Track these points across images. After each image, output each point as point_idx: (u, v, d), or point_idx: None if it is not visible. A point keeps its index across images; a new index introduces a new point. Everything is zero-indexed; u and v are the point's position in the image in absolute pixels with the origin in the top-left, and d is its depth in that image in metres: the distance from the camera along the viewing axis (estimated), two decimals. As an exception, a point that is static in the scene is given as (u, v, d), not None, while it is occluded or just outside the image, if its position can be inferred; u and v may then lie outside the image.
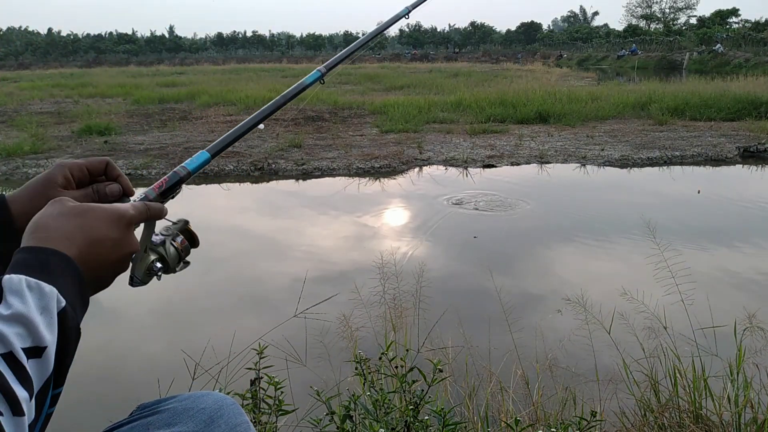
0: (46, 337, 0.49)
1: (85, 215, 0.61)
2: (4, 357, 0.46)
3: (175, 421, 0.75)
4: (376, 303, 3.09)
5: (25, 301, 0.49)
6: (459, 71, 25.76)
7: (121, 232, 0.64)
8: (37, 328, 0.49)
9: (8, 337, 0.47)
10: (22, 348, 0.47)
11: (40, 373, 0.49)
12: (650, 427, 1.81)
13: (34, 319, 0.49)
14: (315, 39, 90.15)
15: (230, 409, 0.78)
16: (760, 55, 27.17)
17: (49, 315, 0.51)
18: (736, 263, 4.06)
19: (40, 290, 0.51)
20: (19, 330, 0.48)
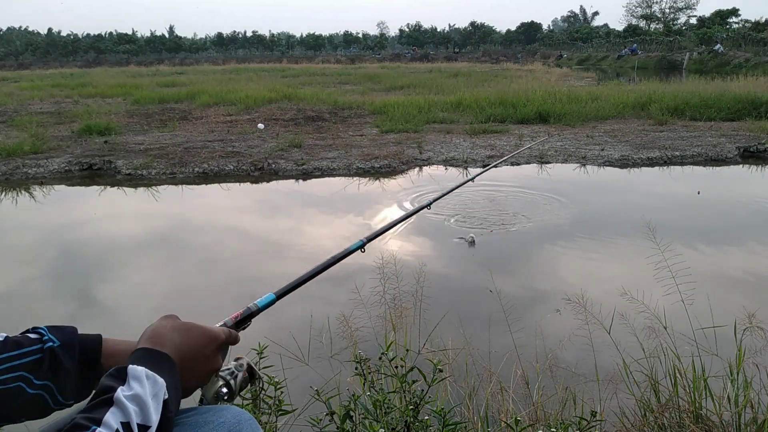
0: (153, 418, 0.61)
1: (190, 332, 0.76)
2: (123, 425, 0.58)
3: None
4: (376, 303, 3.09)
5: (144, 386, 0.61)
6: (459, 71, 25.75)
7: (213, 351, 0.78)
8: (149, 410, 0.60)
9: (129, 411, 0.59)
10: (137, 423, 0.59)
11: None
12: (650, 427, 1.81)
13: (147, 401, 0.60)
14: (315, 39, 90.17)
15: (248, 424, 0.83)
16: (760, 55, 27.17)
17: (157, 401, 0.62)
18: (736, 263, 4.06)
19: (155, 380, 0.63)
20: (136, 408, 0.59)
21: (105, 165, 7.59)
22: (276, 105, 13.16)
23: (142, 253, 4.57)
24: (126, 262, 4.34)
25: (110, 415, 0.57)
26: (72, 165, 7.56)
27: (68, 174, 7.34)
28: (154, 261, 4.46)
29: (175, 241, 4.91)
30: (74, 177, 7.29)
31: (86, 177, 7.32)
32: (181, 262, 4.43)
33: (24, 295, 3.84)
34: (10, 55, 76.34)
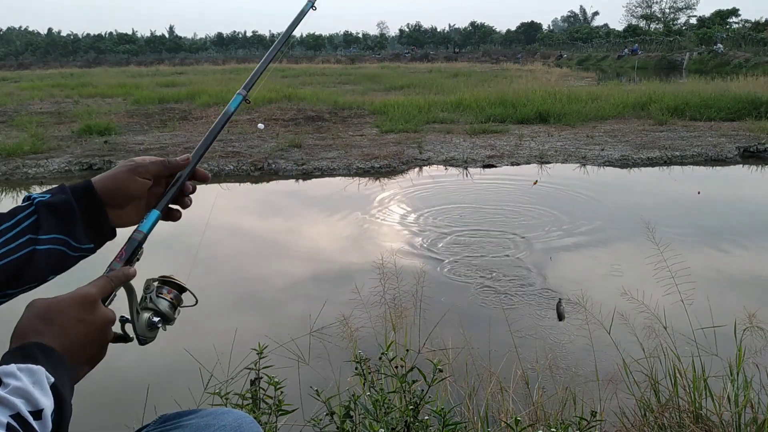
0: (42, 401, 0.58)
1: (49, 310, 0.69)
2: (14, 417, 0.56)
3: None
4: (376, 303, 3.10)
5: (20, 379, 0.59)
6: (459, 71, 25.75)
7: (89, 311, 0.71)
8: (35, 396, 0.58)
9: (14, 402, 0.57)
10: (28, 411, 0.57)
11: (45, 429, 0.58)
12: (650, 427, 1.81)
13: (30, 390, 0.58)
14: (315, 39, 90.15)
15: (249, 427, 0.83)
16: (760, 55, 27.17)
17: (41, 387, 0.60)
18: (736, 263, 4.06)
19: (30, 370, 0.60)
20: (21, 399, 0.57)
21: (105, 165, 7.59)
22: (276, 105, 13.16)
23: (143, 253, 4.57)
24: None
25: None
26: (72, 165, 7.57)
27: (68, 174, 7.34)
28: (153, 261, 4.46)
29: (175, 241, 4.91)
30: (74, 177, 7.29)
31: (86, 177, 7.32)
32: (180, 261, 4.43)
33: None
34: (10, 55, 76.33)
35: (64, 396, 0.62)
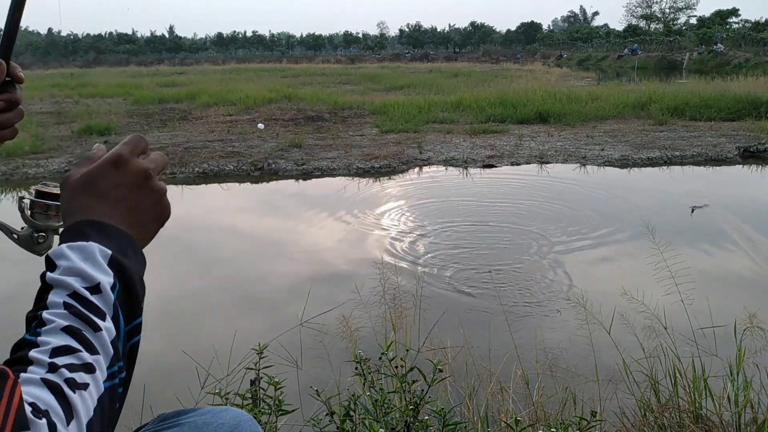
0: (96, 276, 0.55)
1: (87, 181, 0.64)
2: (71, 296, 0.54)
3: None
4: (376, 303, 3.09)
5: (70, 259, 0.56)
6: (459, 71, 25.76)
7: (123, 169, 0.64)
8: (88, 272, 0.55)
9: (67, 282, 0.55)
10: (82, 287, 0.55)
11: (106, 304, 0.55)
12: (650, 427, 1.81)
13: (80, 266, 0.55)
14: (315, 39, 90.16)
15: (248, 425, 0.82)
16: (760, 55, 27.16)
17: (94, 262, 0.56)
18: (735, 263, 4.06)
19: (79, 248, 0.57)
20: (74, 277, 0.55)
21: (105, 165, 7.59)
22: (276, 105, 13.16)
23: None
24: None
25: (52, 295, 0.54)
26: (72, 165, 7.56)
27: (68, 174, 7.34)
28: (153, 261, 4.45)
29: (174, 241, 4.91)
30: (74, 177, 7.29)
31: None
32: (180, 262, 4.43)
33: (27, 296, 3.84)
34: (10, 55, 76.09)
35: (125, 265, 0.58)
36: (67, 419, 0.46)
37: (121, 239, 0.60)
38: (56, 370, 0.49)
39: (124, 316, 0.56)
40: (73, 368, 0.50)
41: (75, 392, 0.48)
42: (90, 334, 0.52)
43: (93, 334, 0.53)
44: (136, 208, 0.64)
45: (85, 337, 0.52)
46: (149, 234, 0.67)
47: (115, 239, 0.60)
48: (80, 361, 0.50)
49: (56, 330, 0.52)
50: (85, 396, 0.49)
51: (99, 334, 0.53)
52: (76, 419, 0.47)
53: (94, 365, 0.51)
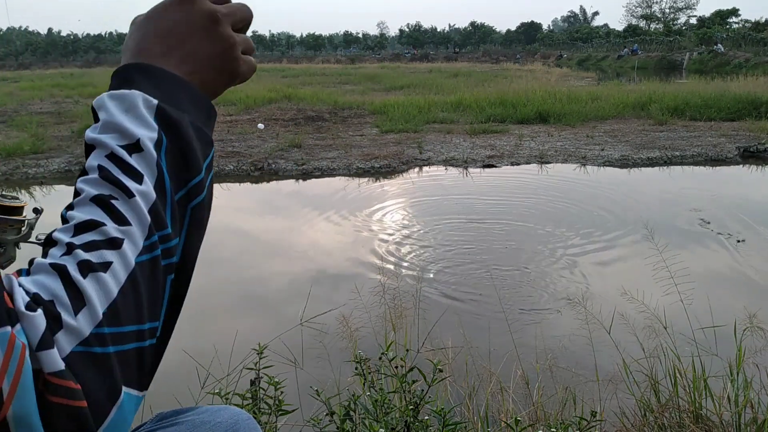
0: (135, 131, 0.48)
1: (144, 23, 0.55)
2: (108, 157, 0.47)
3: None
4: (376, 303, 3.10)
5: (108, 110, 0.49)
6: (459, 71, 25.75)
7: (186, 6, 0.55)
8: (125, 126, 0.48)
9: (104, 140, 0.48)
10: (119, 146, 0.48)
11: (147, 164, 0.48)
12: (650, 427, 1.81)
13: (119, 120, 0.48)
14: (315, 39, 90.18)
15: (246, 423, 0.81)
16: (760, 55, 27.16)
17: (134, 113, 0.49)
18: (735, 263, 4.06)
19: (121, 96, 0.50)
20: (111, 134, 0.48)
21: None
22: (276, 105, 13.16)
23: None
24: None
25: (90, 158, 0.48)
26: (72, 165, 7.56)
27: (68, 174, 7.34)
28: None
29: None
30: (74, 177, 7.27)
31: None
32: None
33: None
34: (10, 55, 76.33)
35: (175, 117, 0.50)
36: (74, 308, 0.40)
37: (174, 86, 0.52)
38: (72, 252, 0.43)
39: (174, 175, 0.49)
40: (91, 246, 0.43)
41: (87, 276, 0.42)
42: (121, 203, 0.45)
43: (125, 201, 0.45)
44: (196, 54, 0.54)
45: (113, 207, 0.45)
46: (214, 86, 0.57)
47: (166, 86, 0.52)
48: (103, 237, 0.44)
49: (85, 201, 0.46)
50: (102, 278, 0.42)
51: (132, 201, 0.46)
52: (88, 307, 0.41)
53: (120, 239, 0.44)
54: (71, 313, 0.40)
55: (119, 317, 0.42)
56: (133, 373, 0.43)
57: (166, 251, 0.47)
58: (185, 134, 0.50)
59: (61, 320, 0.39)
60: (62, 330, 0.39)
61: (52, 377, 0.38)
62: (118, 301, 0.42)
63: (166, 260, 0.47)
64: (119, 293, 0.42)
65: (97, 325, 0.41)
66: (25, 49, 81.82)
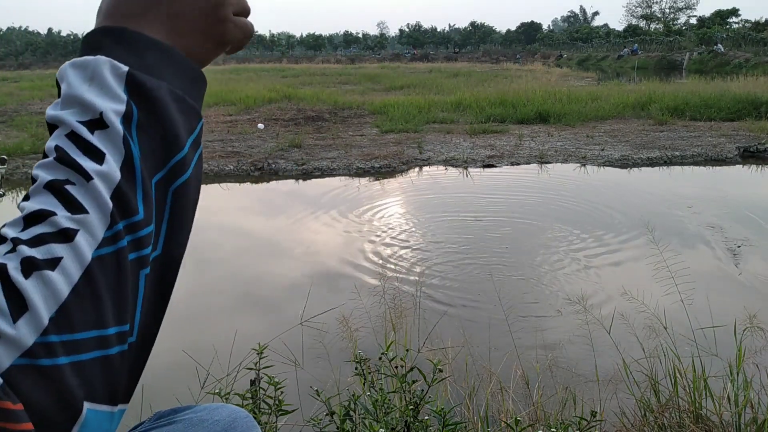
0: (98, 104, 0.42)
1: None
2: (67, 137, 0.41)
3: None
4: (376, 303, 3.10)
5: (69, 81, 0.44)
6: (459, 71, 25.76)
7: None
8: (86, 99, 0.42)
9: (63, 117, 0.42)
10: (79, 122, 0.42)
11: (111, 141, 0.41)
12: (650, 427, 1.81)
13: (80, 92, 0.43)
14: (315, 39, 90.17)
15: (244, 421, 0.81)
16: (760, 55, 27.16)
17: (99, 83, 0.43)
18: (735, 263, 4.06)
19: (83, 64, 0.44)
20: (71, 109, 0.43)
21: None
22: (276, 105, 13.16)
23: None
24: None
25: (51, 138, 0.42)
26: None
27: None
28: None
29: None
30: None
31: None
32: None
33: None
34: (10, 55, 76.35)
35: (149, 86, 0.43)
36: (14, 315, 0.34)
37: (151, 51, 0.45)
38: (15, 249, 0.36)
39: (150, 154, 0.42)
40: (38, 241, 0.37)
41: (30, 276, 0.35)
42: (77, 188, 0.39)
43: (81, 185, 0.39)
44: (177, 14, 0.48)
45: (66, 193, 0.39)
46: (200, 53, 0.50)
47: (141, 51, 0.45)
48: (52, 229, 0.37)
49: (38, 189, 0.39)
50: (48, 277, 0.36)
51: (90, 184, 0.39)
52: (30, 312, 0.34)
53: (74, 230, 0.37)
54: (9, 321, 0.34)
55: (71, 322, 0.36)
56: (98, 386, 0.37)
57: (136, 242, 0.40)
58: (162, 105, 0.43)
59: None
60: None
61: None
62: (70, 304, 0.36)
63: (137, 252, 0.40)
64: (71, 294, 0.36)
65: (42, 333, 0.34)
66: (25, 49, 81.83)
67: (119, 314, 0.38)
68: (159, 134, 0.43)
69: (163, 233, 0.43)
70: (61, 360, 0.35)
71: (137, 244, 0.40)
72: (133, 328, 0.40)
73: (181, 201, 0.45)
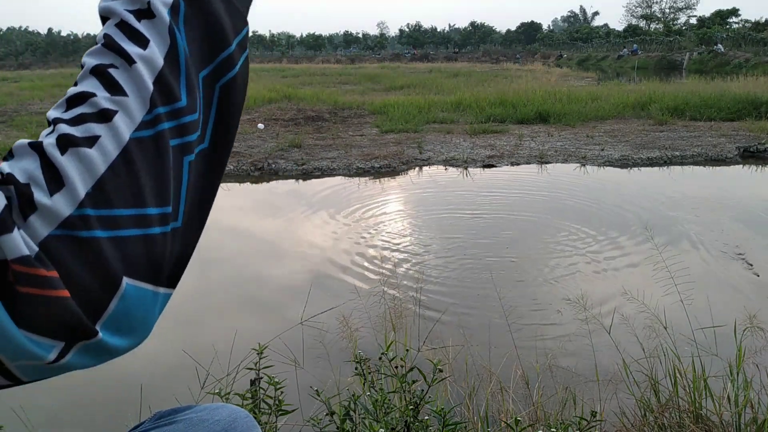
0: None
1: None
2: (117, 26, 0.42)
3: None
4: (376, 303, 3.10)
5: None
6: (459, 71, 25.76)
7: None
8: None
9: (113, 7, 0.42)
10: (127, 10, 0.42)
11: (157, 30, 0.42)
12: (650, 427, 1.81)
13: None
14: (315, 39, 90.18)
15: (244, 421, 0.81)
16: (760, 55, 27.16)
17: None
18: (735, 263, 4.06)
19: None
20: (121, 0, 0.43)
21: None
22: (276, 105, 13.16)
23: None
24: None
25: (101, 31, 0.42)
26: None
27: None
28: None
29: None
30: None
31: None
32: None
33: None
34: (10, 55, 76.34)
35: None
36: (50, 188, 0.35)
37: None
38: (54, 128, 0.38)
39: (197, 48, 0.43)
40: (78, 120, 0.38)
41: (66, 152, 0.36)
42: (120, 71, 0.40)
43: (124, 69, 0.40)
44: None
45: (109, 75, 0.39)
46: None
47: None
48: (92, 109, 0.38)
49: (85, 75, 0.40)
50: (85, 154, 0.36)
51: (133, 68, 0.40)
52: (67, 186, 0.35)
53: (112, 111, 0.38)
54: (47, 193, 0.35)
55: (108, 198, 0.37)
56: (139, 263, 0.38)
57: (179, 128, 0.40)
58: (209, 2, 0.44)
59: (34, 202, 0.35)
60: (36, 212, 0.35)
61: (16, 265, 0.33)
62: (106, 180, 0.37)
63: (180, 138, 0.41)
64: (108, 171, 0.37)
65: (78, 206, 0.35)
66: (25, 49, 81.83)
67: (160, 196, 0.39)
68: (205, 29, 0.43)
69: (211, 127, 0.43)
70: (97, 233, 0.36)
71: (180, 130, 0.41)
72: (177, 213, 0.40)
73: (229, 97, 0.45)
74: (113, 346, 0.38)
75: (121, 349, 0.39)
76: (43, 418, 2.29)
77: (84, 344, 0.36)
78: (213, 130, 0.44)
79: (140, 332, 0.40)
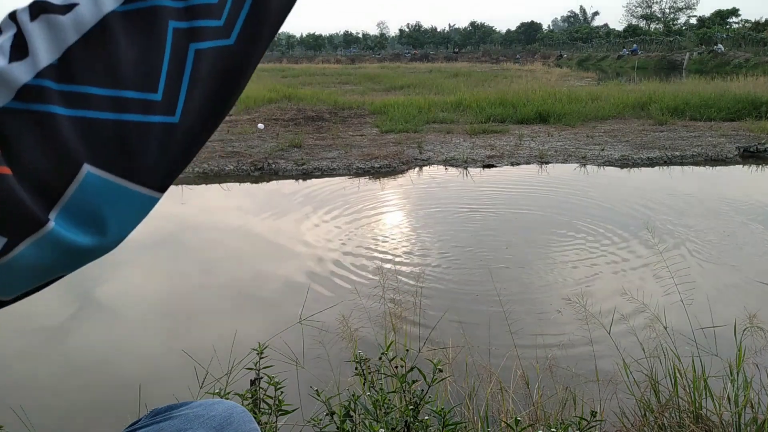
0: None
1: None
2: None
3: (186, 428, 0.77)
4: (376, 303, 3.09)
5: None
6: (459, 71, 25.76)
7: None
8: None
9: None
10: None
11: None
12: (650, 427, 1.81)
13: None
14: (315, 39, 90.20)
15: (240, 416, 0.80)
16: (760, 55, 27.17)
17: None
18: (735, 263, 4.06)
19: None
20: None
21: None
22: (276, 105, 13.16)
23: (143, 253, 4.57)
24: (125, 262, 4.34)
25: None
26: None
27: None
28: (153, 261, 4.46)
29: (175, 241, 4.91)
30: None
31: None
32: (180, 261, 4.43)
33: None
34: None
35: None
36: (12, 55, 0.32)
37: None
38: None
39: None
40: None
41: (35, 19, 0.33)
42: None
43: None
44: None
45: None
46: None
47: None
48: None
49: None
50: (55, 21, 0.32)
51: None
52: (31, 55, 0.32)
53: None
54: (6, 60, 0.31)
55: (76, 73, 0.32)
56: (108, 152, 0.33)
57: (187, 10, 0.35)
58: None
59: None
60: None
61: None
62: (76, 52, 0.32)
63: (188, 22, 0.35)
64: (80, 42, 0.32)
65: (37, 75, 0.32)
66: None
67: (144, 80, 0.34)
68: None
69: (241, 22, 0.37)
70: (55, 108, 0.32)
71: (187, 12, 0.35)
72: (172, 106, 0.35)
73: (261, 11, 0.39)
74: (72, 242, 0.33)
75: (83, 247, 0.34)
76: (43, 418, 2.29)
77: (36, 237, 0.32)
78: (244, 25, 0.38)
79: (109, 232, 0.35)
